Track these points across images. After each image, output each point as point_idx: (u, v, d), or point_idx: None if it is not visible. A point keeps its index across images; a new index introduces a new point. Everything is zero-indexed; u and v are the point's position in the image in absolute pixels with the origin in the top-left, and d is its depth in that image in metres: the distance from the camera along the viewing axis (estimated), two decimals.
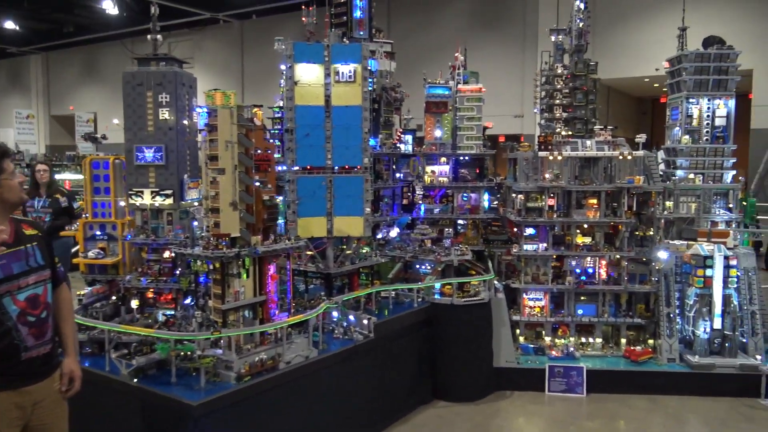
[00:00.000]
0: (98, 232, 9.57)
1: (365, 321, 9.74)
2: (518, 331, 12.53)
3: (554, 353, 12.09)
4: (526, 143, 14.29)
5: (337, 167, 10.89)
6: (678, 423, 10.65)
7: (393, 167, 12.87)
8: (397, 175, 13.15)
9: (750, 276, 12.13)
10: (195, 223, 8.72)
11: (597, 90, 14.19)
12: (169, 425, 7.40)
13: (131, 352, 8.01)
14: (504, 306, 11.89)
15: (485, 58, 27.14)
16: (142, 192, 9.31)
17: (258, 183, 8.66)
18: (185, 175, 9.43)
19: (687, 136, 13.02)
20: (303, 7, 11.99)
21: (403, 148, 13.28)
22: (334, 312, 9.97)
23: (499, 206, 14.49)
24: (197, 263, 8.25)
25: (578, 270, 12.53)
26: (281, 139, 12.57)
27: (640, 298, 12.54)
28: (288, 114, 10.67)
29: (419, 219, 13.42)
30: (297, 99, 10.62)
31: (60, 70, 51.93)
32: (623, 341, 12.37)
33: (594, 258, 12.49)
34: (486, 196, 13.71)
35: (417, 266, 12.21)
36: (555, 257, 12.57)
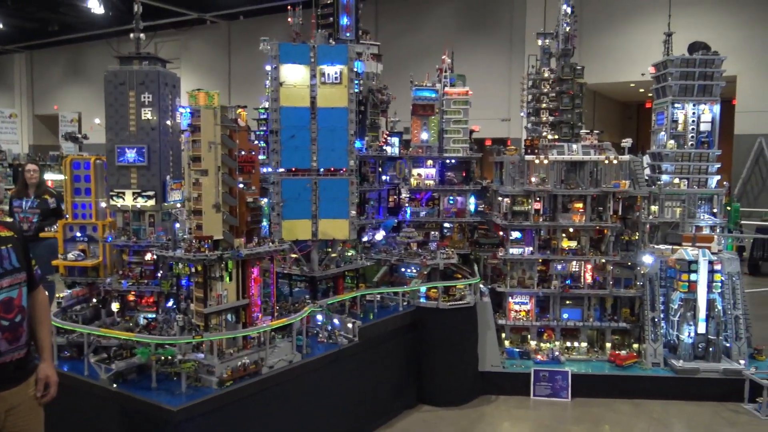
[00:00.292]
0: (78, 234, 9.40)
1: (350, 325, 9.65)
2: (503, 335, 12.49)
3: (539, 357, 12.06)
4: (513, 147, 14.28)
5: (323, 169, 10.80)
6: (662, 427, 10.66)
7: (379, 170, 12.80)
8: (383, 178, 13.07)
9: (734, 281, 12.20)
10: (177, 225, 8.59)
11: (583, 94, 14.23)
12: (150, 431, 7.27)
13: (111, 356, 7.89)
14: (489, 310, 11.85)
15: (472, 62, 27.21)
16: (124, 193, 9.16)
17: (242, 185, 8.56)
18: (168, 176, 9.30)
19: (672, 141, 13.08)
20: (289, 8, 11.91)
21: (390, 151, 13.22)
22: (319, 315, 9.89)
23: (485, 209, 14.46)
24: (179, 266, 8.12)
25: (564, 274, 12.52)
26: (266, 141, 12.48)
27: (625, 303, 12.54)
28: (273, 115, 10.57)
29: (405, 222, 13.38)
30: (282, 100, 10.52)
31: (44, 69, 51.43)
32: (608, 345, 12.37)
33: (579, 262, 12.50)
34: (472, 200, 13.69)
35: (402, 269, 12.14)
36: (541, 261, 12.55)
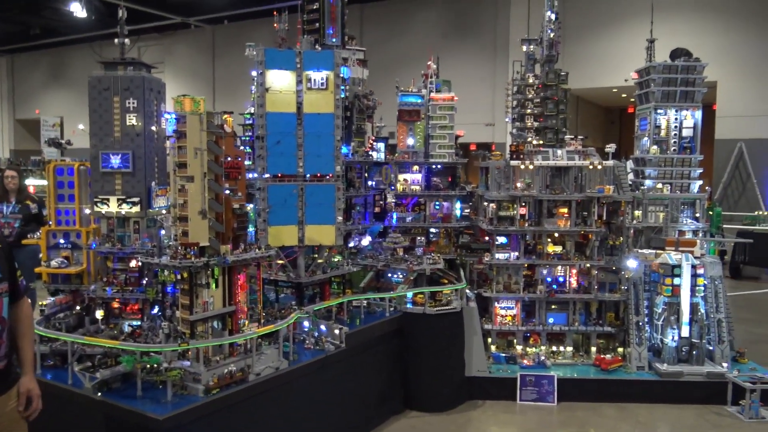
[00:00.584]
0: (62, 241, 9.30)
1: (337, 331, 9.63)
2: (490, 340, 12.53)
3: (526, 362, 12.11)
4: (498, 152, 14.37)
5: (309, 175, 10.79)
6: (647, 431, 10.74)
7: (365, 175, 12.80)
8: (369, 183, 13.08)
9: (716, 284, 12.34)
10: (162, 232, 8.53)
11: (568, 100, 14.34)
12: None
13: (95, 365, 7.79)
14: (476, 315, 11.89)
15: (457, 67, 27.33)
16: (108, 199, 9.07)
17: (228, 191, 8.52)
18: (153, 183, 9.22)
19: (655, 147, 13.22)
20: (275, 14, 11.89)
21: (375, 156, 13.23)
22: (305, 322, 9.85)
23: (471, 215, 14.52)
24: (165, 273, 8.05)
25: (549, 279, 12.60)
26: (252, 147, 12.44)
27: (610, 307, 12.65)
28: (259, 121, 10.54)
29: (391, 227, 13.38)
30: (268, 106, 10.50)
31: (26, 73, 50.90)
32: (593, 350, 12.46)
33: (565, 267, 12.58)
34: (458, 205, 13.73)
35: (389, 275, 12.14)
36: (526, 266, 12.62)
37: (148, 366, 7.55)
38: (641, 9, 25.32)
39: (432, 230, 13.58)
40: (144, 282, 8.96)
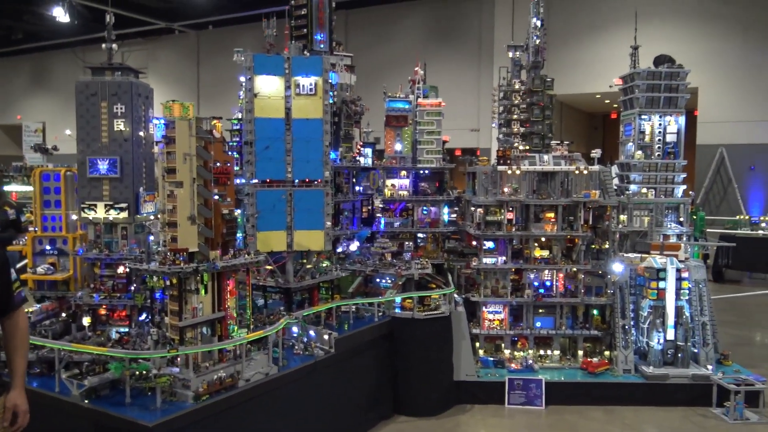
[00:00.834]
0: (48, 247, 9.23)
1: (326, 336, 9.61)
2: (478, 345, 12.57)
3: (513, 366, 12.16)
4: (485, 157, 14.46)
5: (298, 180, 10.78)
6: None
7: (353, 180, 12.82)
8: (357, 189, 13.10)
9: (700, 288, 12.49)
10: (151, 238, 8.48)
11: (553, 106, 14.47)
12: None
13: (83, 372, 7.72)
14: (464, 319, 11.92)
15: (441, 72, 27.42)
16: (96, 205, 9.01)
17: (217, 196, 8.49)
18: (141, 188, 9.18)
19: (640, 152, 13.37)
20: (264, 19, 11.89)
21: (363, 162, 13.26)
22: (294, 327, 9.82)
23: (458, 220, 14.58)
24: (153, 279, 8.00)
25: (536, 283, 12.67)
26: (240, 152, 12.41)
27: (597, 310, 12.73)
28: (247, 126, 10.52)
29: (379, 232, 13.40)
30: (257, 111, 10.48)
31: (6, 78, 50.33)
32: (580, 353, 12.54)
33: (552, 271, 12.66)
34: (446, 210, 13.79)
35: (377, 280, 12.16)
36: (514, 270, 12.69)
37: (137, 373, 7.50)
38: (623, 16, 25.66)
39: (420, 235, 13.62)
40: (132, 288, 8.90)
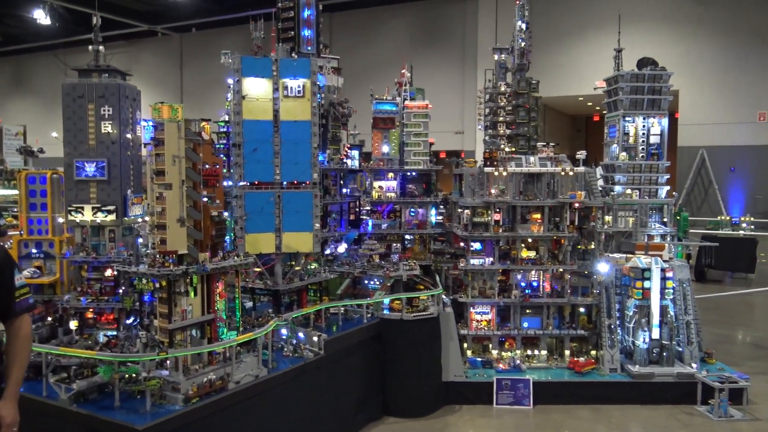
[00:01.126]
0: (34, 250, 9.14)
1: (315, 338, 9.61)
2: (466, 345, 12.62)
3: (501, 366, 12.23)
4: (471, 159, 14.54)
5: (286, 182, 10.78)
6: None
7: (340, 182, 12.84)
8: (344, 191, 13.12)
9: (684, 287, 12.65)
10: (140, 240, 8.44)
11: (539, 108, 14.61)
12: None
13: (71, 376, 7.66)
14: (452, 320, 11.97)
15: (425, 75, 27.42)
16: (83, 208, 8.94)
17: (206, 198, 8.47)
18: (129, 191, 9.13)
19: (624, 153, 13.53)
20: (251, 21, 11.88)
21: (350, 164, 13.29)
22: (284, 329, 9.82)
23: (445, 221, 14.65)
24: (142, 281, 7.96)
25: (523, 284, 12.76)
26: (227, 154, 12.38)
27: (583, 310, 12.86)
28: (235, 128, 10.50)
29: (367, 234, 13.43)
30: (245, 113, 10.47)
31: None
32: (567, 353, 12.64)
33: (539, 271, 12.76)
34: (433, 212, 13.85)
35: (366, 282, 12.18)
36: (501, 271, 12.77)
37: (126, 376, 7.45)
38: (605, 19, 25.95)
39: (407, 237, 13.66)
40: (120, 291, 8.84)
